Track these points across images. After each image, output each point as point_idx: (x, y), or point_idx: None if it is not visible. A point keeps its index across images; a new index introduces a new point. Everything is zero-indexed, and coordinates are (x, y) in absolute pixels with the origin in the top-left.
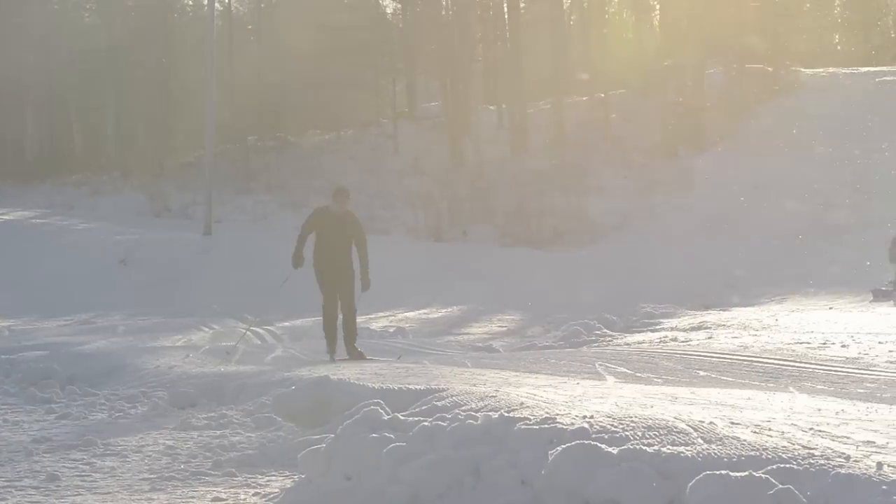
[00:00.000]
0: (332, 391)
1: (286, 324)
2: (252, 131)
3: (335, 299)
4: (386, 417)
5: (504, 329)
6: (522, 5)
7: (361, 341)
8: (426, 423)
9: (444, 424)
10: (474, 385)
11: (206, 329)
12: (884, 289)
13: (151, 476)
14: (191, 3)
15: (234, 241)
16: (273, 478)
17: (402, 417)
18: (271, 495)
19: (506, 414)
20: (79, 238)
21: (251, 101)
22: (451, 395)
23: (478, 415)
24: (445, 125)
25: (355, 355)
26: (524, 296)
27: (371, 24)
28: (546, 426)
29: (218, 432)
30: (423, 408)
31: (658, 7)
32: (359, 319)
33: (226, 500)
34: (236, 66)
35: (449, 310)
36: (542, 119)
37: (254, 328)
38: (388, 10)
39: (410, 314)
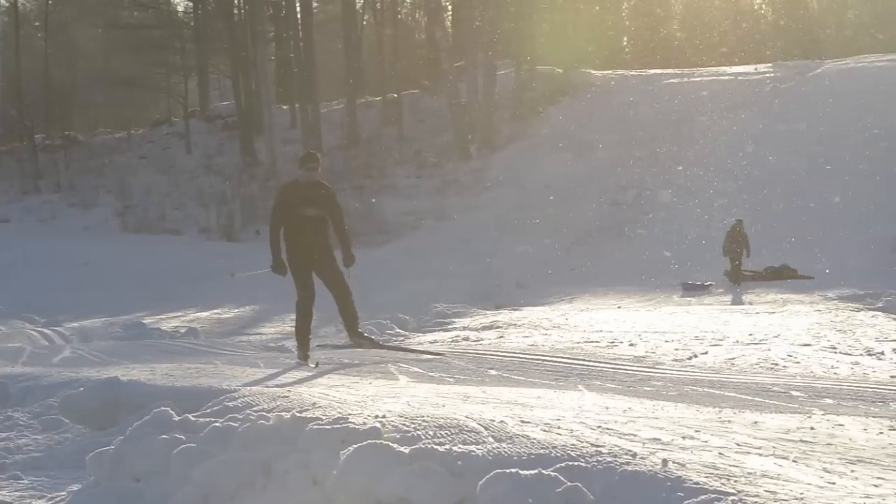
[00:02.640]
0: (121, 392)
1: (75, 324)
2: (40, 130)
3: (312, 292)
4: (176, 418)
5: None
6: (315, 5)
7: (153, 342)
8: (217, 424)
9: (236, 425)
10: (266, 385)
11: None
12: (693, 283)
13: None
14: None
15: (20, 241)
16: (60, 480)
17: (192, 418)
18: (58, 498)
19: (298, 414)
20: None
21: (39, 98)
22: (243, 396)
23: (269, 415)
24: (238, 124)
25: (366, 343)
26: (316, 296)
27: (162, 22)
28: (338, 426)
29: (3, 434)
30: (215, 408)
31: (450, 8)
32: (148, 320)
33: (11, 503)
34: (23, 62)
35: (241, 310)
36: (336, 119)
37: (41, 328)
38: (180, 9)
39: (202, 314)
